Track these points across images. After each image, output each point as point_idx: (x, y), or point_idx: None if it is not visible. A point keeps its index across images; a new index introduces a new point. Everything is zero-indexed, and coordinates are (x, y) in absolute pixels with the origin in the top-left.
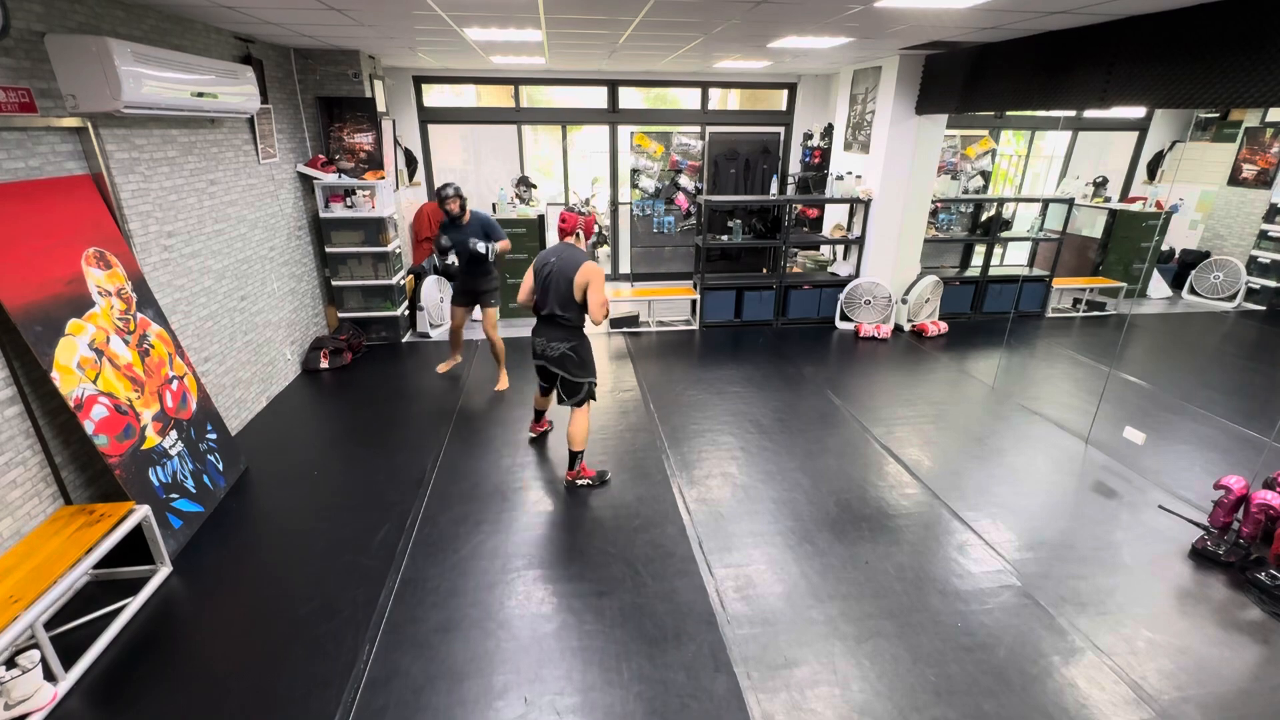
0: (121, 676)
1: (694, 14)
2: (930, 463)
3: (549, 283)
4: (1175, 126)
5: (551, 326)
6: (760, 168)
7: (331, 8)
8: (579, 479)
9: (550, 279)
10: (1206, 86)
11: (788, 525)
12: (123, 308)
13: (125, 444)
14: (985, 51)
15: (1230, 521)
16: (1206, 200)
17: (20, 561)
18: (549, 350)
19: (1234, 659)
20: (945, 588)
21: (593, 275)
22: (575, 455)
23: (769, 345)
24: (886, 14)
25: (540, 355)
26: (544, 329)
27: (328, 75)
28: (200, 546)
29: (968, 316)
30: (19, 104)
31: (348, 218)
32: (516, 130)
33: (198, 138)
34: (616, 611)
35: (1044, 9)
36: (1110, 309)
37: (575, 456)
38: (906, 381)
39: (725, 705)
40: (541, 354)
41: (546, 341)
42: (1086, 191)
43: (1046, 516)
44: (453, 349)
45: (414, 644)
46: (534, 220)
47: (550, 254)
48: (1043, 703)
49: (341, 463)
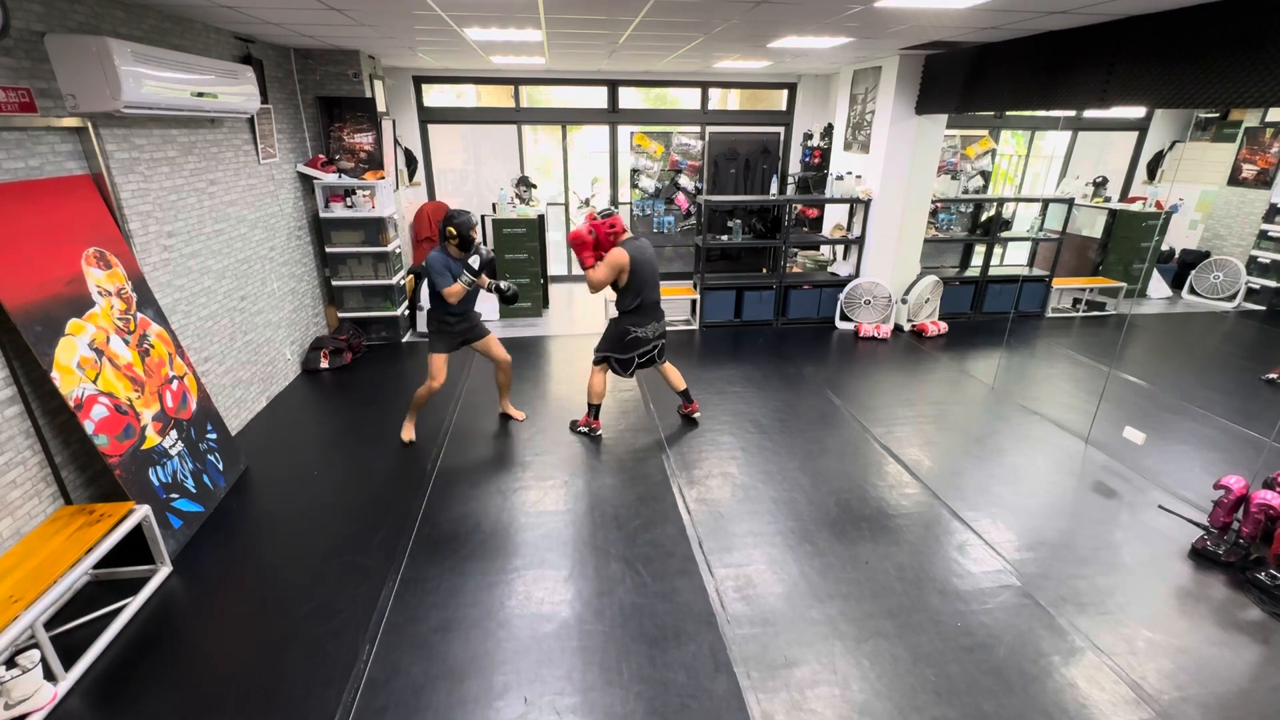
0: (121, 676)
1: (694, 14)
2: (930, 463)
3: (652, 271)
4: (1175, 126)
5: (658, 309)
6: (760, 168)
7: (331, 8)
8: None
9: (651, 268)
10: (1206, 86)
11: (788, 525)
12: (123, 308)
13: (125, 444)
14: (985, 51)
15: (1230, 521)
16: (1206, 200)
17: (20, 561)
18: (660, 329)
19: (1234, 659)
20: (945, 588)
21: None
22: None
23: (769, 345)
24: (886, 14)
25: (655, 338)
26: (652, 313)
27: (328, 75)
28: (200, 546)
29: (968, 316)
30: (19, 104)
31: (348, 218)
32: (516, 130)
33: (198, 138)
34: (616, 611)
35: (1044, 9)
36: (1110, 309)
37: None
38: (906, 381)
39: (725, 705)
40: (656, 336)
41: (657, 322)
42: (1086, 191)
43: (1046, 516)
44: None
45: (414, 644)
46: (534, 220)
47: (637, 248)
48: (1043, 703)
49: (341, 463)
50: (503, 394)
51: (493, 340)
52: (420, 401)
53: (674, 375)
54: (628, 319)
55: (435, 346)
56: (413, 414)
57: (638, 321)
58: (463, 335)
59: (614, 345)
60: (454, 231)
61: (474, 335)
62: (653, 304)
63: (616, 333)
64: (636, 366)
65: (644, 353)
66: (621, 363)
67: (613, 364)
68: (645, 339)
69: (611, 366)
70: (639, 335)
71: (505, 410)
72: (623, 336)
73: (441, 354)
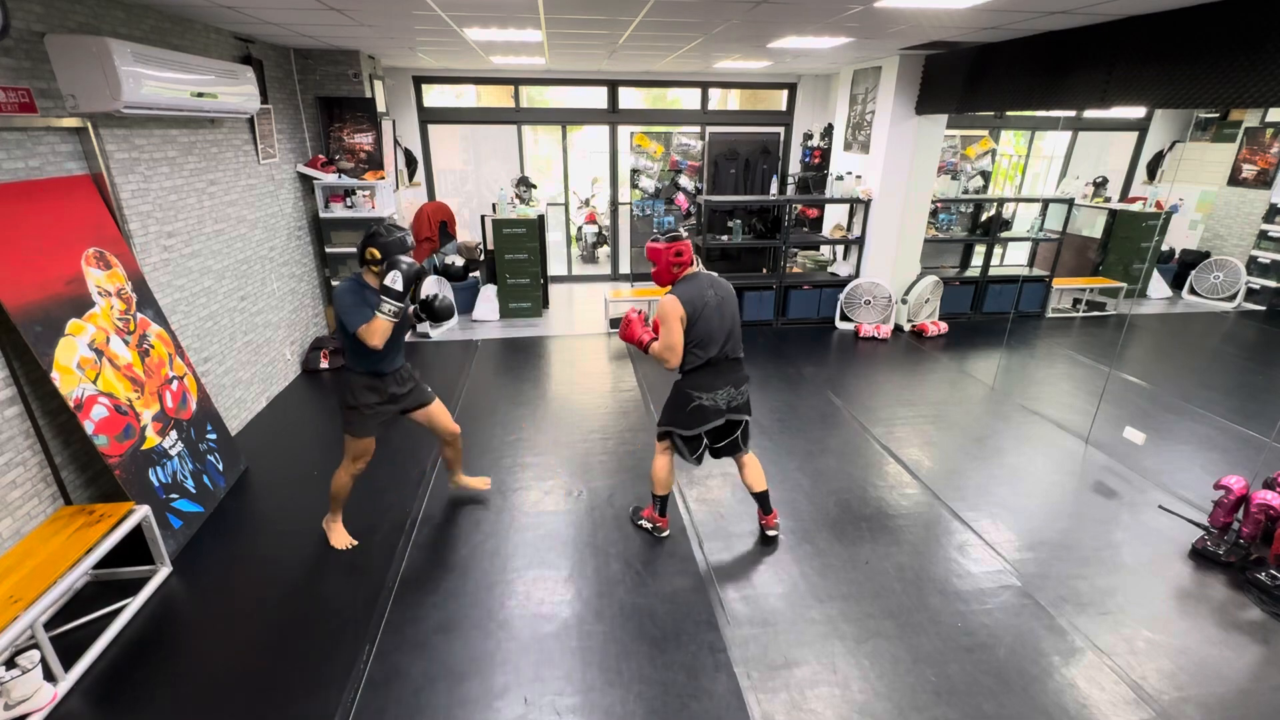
0: (121, 676)
1: (694, 14)
2: (930, 463)
3: (721, 319)
4: (1175, 126)
5: (734, 369)
6: (760, 168)
7: (331, 8)
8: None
9: (719, 314)
10: (1206, 86)
11: (788, 525)
12: (123, 308)
13: (125, 444)
14: (985, 51)
15: (1230, 521)
16: (1206, 200)
17: (20, 561)
18: (739, 398)
19: (1234, 659)
20: (945, 588)
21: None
22: (764, 496)
23: (769, 345)
24: (886, 14)
25: (729, 409)
26: (725, 375)
27: (328, 75)
28: (200, 546)
29: (968, 316)
30: (19, 104)
31: (348, 218)
32: (516, 130)
33: (198, 138)
34: (616, 611)
35: (1044, 9)
36: (1110, 309)
37: (765, 498)
38: (906, 381)
39: (725, 705)
40: (731, 407)
41: (735, 389)
42: (1086, 191)
43: (1046, 516)
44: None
45: (414, 644)
46: (534, 220)
47: (694, 290)
48: (1043, 703)
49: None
50: (454, 469)
51: (439, 408)
52: (344, 490)
53: (753, 470)
54: (689, 380)
55: (354, 428)
56: (337, 509)
57: (703, 384)
58: (397, 403)
59: (675, 417)
60: (375, 253)
61: (412, 402)
62: (726, 362)
63: (676, 399)
64: (707, 450)
65: (716, 429)
66: (687, 441)
67: (676, 443)
68: (715, 409)
69: (675, 447)
70: (704, 404)
71: (461, 484)
72: (685, 405)
73: (366, 438)
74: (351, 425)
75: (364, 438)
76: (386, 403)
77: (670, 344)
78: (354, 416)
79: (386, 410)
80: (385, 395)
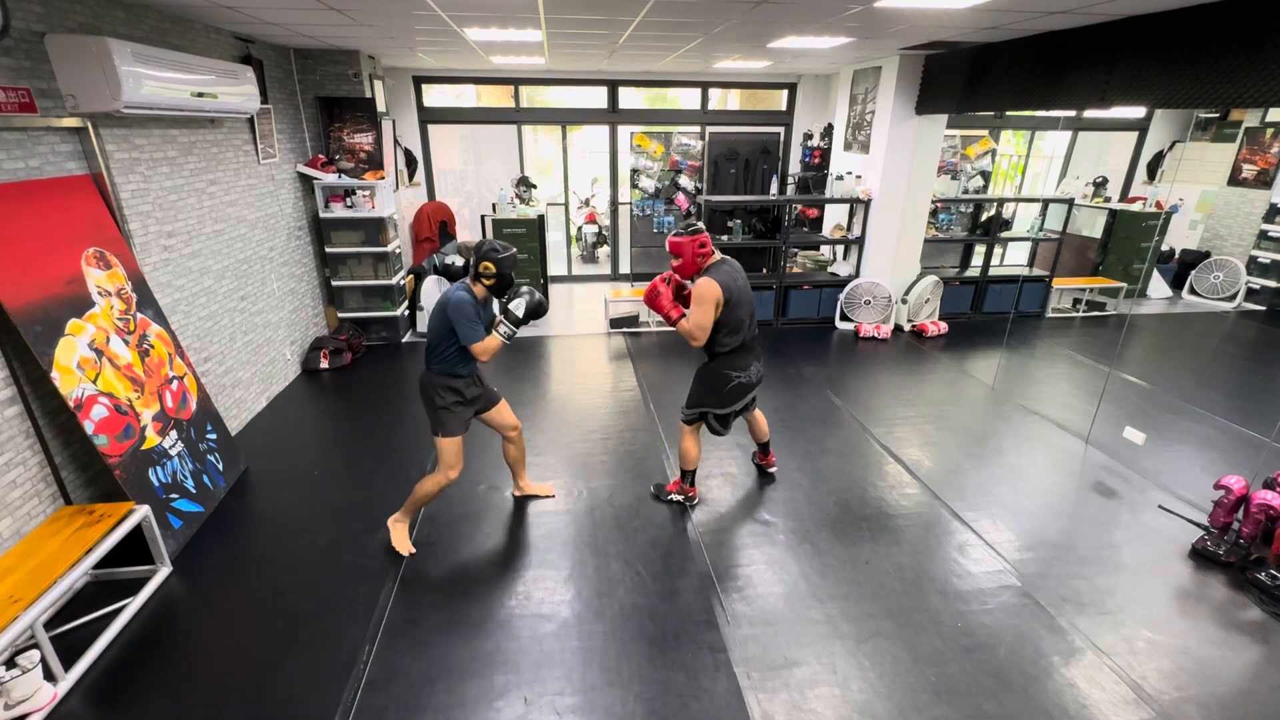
0: (121, 676)
1: (694, 14)
2: (930, 463)
3: (751, 300)
4: (1175, 126)
5: (756, 343)
6: (760, 168)
7: (331, 8)
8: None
9: (748, 296)
10: (1206, 86)
11: (788, 525)
12: (123, 308)
13: (125, 444)
14: (985, 51)
15: (1230, 521)
16: (1206, 200)
17: (20, 561)
18: (762, 369)
19: (1234, 659)
20: (945, 588)
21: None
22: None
23: (769, 345)
24: (886, 14)
25: (755, 384)
26: (753, 351)
27: (328, 75)
28: (200, 546)
29: (968, 316)
30: (19, 104)
31: (348, 218)
32: (516, 130)
33: (198, 138)
34: (616, 611)
35: (1044, 9)
36: (1110, 309)
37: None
38: (906, 381)
39: (725, 705)
40: (757, 381)
41: (758, 362)
42: (1086, 191)
43: (1046, 516)
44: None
45: (414, 644)
46: (534, 220)
47: (728, 274)
48: (1043, 703)
49: (341, 463)
50: (518, 471)
51: (505, 405)
52: (428, 498)
53: (761, 423)
54: (726, 362)
55: (447, 427)
56: (409, 513)
57: (739, 364)
58: (474, 405)
59: (712, 397)
60: (491, 268)
61: (485, 404)
62: (753, 339)
63: (714, 381)
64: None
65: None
66: (721, 418)
67: (710, 421)
68: (749, 384)
69: (708, 424)
70: (742, 381)
71: (526, 490)
72: (723, 385)
73: (455, 437)
74: (443, 425)
75: (454, 436)
76: (466, 404)
77: (702, 324)
78: (444, 416)
79: (466, 412)
80: (464, 397)
